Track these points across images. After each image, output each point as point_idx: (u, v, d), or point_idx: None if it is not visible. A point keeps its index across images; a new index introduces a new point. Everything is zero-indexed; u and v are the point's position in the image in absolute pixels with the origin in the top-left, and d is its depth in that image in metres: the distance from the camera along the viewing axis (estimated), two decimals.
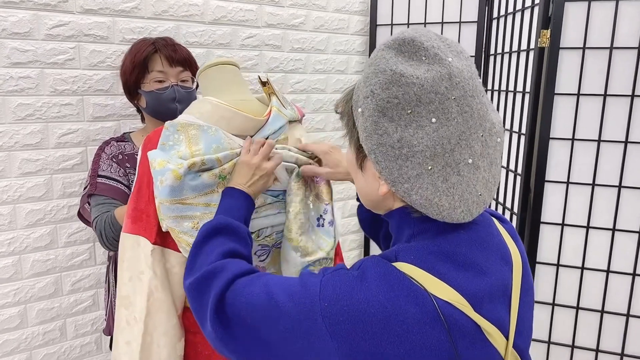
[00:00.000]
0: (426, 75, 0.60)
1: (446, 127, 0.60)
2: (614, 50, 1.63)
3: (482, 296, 0.62)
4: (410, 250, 0.64)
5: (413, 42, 0.62)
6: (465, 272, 0.62)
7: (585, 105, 1.70)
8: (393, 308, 0.58)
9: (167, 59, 1.33)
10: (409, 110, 0.60)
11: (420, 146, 0.60)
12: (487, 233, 0.68)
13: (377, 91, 0.61)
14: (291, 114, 1.07)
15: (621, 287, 1.75)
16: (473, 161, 0.62)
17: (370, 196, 0.71)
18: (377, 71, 0.62)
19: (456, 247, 0.64)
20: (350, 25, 2.16)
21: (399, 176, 0.62)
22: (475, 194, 0.63)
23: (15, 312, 1.56)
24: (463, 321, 0.60)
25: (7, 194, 1.50)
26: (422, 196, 0.61)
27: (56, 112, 1.53)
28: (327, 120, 2.17)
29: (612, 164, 1.70)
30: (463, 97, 0.61)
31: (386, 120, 0.61)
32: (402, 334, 0.57)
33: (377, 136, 0.62)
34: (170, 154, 0.92)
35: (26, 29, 1.45)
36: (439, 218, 0.63)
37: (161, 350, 0.93)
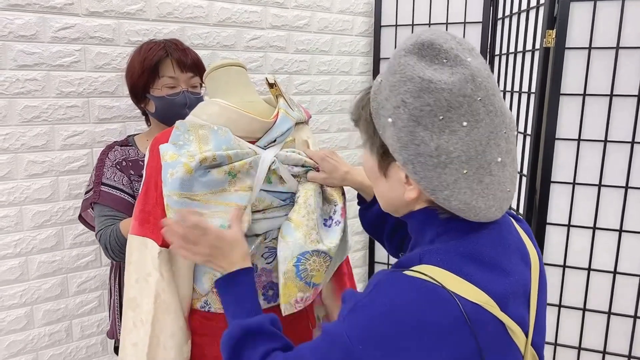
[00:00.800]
0: (452, 79, 0.60)
1: (476, 129, 0.61)
2: (620, 50, 1.62)
3: (507, 296, 0.63)
4: (435, 252, 0.64)
5: (432, 45, 0.62)
6: (490, 272, 0.63)
7: (591, 106, 1.69)
8: (420, 322, 0.58)
9: (178, 64, 1.31)
10: (441, 117, 0.60)
11: (457, 152, 0.61)
12: (508, 232, 0.69)
13: (409, 100, 0.61)
14: (298, 116, 1.07)
15: (628, 288, 1.73)
16: (501, 159, 0.63)
17: (393, 201, 0.71)
18: (404, 79, 0.61)
19: (481, 248, 0.64)
20: (355, 26, 2.16)
21: (439, 184, 0.62)
22: (505, 190, 0.64)
23: (22, 313, 1.56)
24: (490, 322, 0.61)
25: (14, 195, 1.50)
26: (462, 201, 0.62)
27: (62, 114, 1.54)
28: (331, 122, 2.17)
29: (618, 164, 1.69)
30: (487, 96, 0.61)
31: (421, 129, 0.61)
32: (433, 345, 0.58)
33: (414, 146, 0.62)
34: (180, 152, 0.92)
35: (32, 31, 1.46)
36: (475, 219, 0.64)
37: (168, 352, 0.93)
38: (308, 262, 1.01)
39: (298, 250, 1.00)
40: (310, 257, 1.01)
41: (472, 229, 0.66)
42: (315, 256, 1.02)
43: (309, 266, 1.01)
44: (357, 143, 2.28)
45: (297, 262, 1.00)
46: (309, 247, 1.01)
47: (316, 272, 1.02)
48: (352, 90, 2.21)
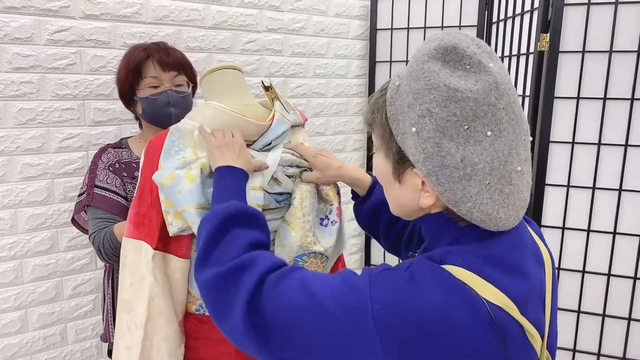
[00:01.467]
0: (477, 87, 0.59)
1: (500, 139, 0.60)
2: (614, 53, 1.63)
3: (526, 299, 0.62)
4: (457, 253, 0.62)
5: (456, 50, 0.60)
6: (511, 275, 0.62)
7: (585, 109, 1.70)
8: (447, 312, 0.56)
9: (159, 64, 1.32)
10: (466, 126, 0.59)
11: (481, 163, 0.59)
12: (524, 235, 0.68)
13: (435, 110, 0.59)
14: (294, 119, 1.07)
15: (622, 290, 1.74)
16: (521, 168, 0.62)
17: (406, 206, 0.70)
18: (429, 87, 0.59)
19: (502, 251, 0.63)
20: (351, 29, 2.16)
21: (463, 196, 0.60)
22: (523, 199, 0.64)
23: (16, 317, 1.56)
24: (511, 325, 0.60)
25: (9, 198, 1.50)
26: (483, 212, 0.61)
27: (57, 116, 1.53)
28: (327, 125, 2.17)
29: (612, 167, 1.70)
30: (509, 104, 0.60)
31: (447, 140, 0.59)
32: (456, 339, 0.56)
33: (440, 158, 0.60)
34: (175, 158, 0.92)
35: (28, 34, 1.46)
36: (494, 229, 0.62)
37: (161, 355, 0.93)
38: (305, 264, 1.02)
39: (295, 253, 1.01)
40: (308, 259, 1.03)
41: (489, 232, 0.64)
42: (312, 257, 1.03)
43: (307, 268, 1.02)
44: (354, 146, 2.29)
45: (294, 264, 1.01)
46: (305, 249, 1.02)
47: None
48: (348, 93, 2.21)
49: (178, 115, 1.34)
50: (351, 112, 2.25)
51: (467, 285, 0.59)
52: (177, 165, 0.93)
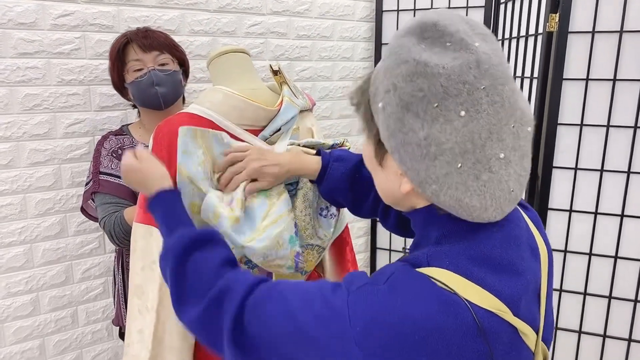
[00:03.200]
0: (452, 63, 0.55)
1: (476, 121, 0.55)
2: (624, 34, 1.61)
3: (519, 298, 0.59)
4: (444, 255, 0.59)
5: (436, 27, 0.57)
6: (502, 274, 0.59)
7: (594, 90, 1.68)
8: (431, 325, 0.54)
9: (139, 46, 1.32)
10: (436, 104, 0.55)
11: (449, 143, 0.55)
12: (518, 228, 0.64)
13: (400, 84, 0.56)
14: (303, 103, 1.07)
15: (629, 273, 1.74)
16: (505, 155, 0.57)
17: (391, 193, 0.67)
18: (398, 61, 0.56)
19: (492, 249, 0.59)
20: (356, 11, 2.14)
21: (426, 177, 0.57)
22: (507, 190, 0.58)
23: (28, 300, 1.58)
24: (502, 329, 0.57)
25: (17, 183, 1.51)
26: (452, 197, 0.57)
27: (63, 102, 1.53)
28: (333, 108, 2.16)
29: (621, 149, 1.68)
30: (493, 85, 0.56)
31: (411, 116, 0.56)
32: (441, 350, 0.54)
33: (402, 134, 0.57)
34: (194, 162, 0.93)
35: (32, 19, 1.45)
36: (469, 219, 0.59)
37: (173, 338, 0.94)
38: (302, 255, 1.04)
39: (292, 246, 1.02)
40: (305, 251, 1.05)
41: (479, 228, 0.61)
42: (309, 249, 1.06)
43: (303, 258, 1.04)
44: (359, 130, 2.27)
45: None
46: (303, 241, 1.04)
47: (308, 262, 1.06)
48: (354, 77, 2.20)
49: (164, 93, 1.33)
50: None
51: (452, 293, 0.56)
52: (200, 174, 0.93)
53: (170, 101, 1.37)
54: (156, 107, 1.35)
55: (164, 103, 1.35)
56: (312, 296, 0.61)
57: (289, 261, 0.98)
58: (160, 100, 1.34)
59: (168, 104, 1.36)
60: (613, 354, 1.81)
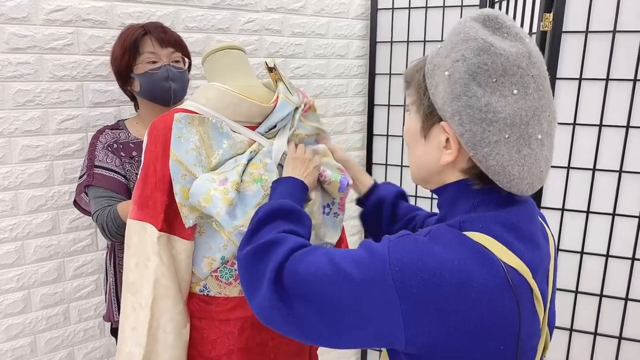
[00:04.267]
0: (511, 49, 0.64)
1: (524, 100, 0.64)
2: (617, 33, 1.62)
3: (538, 266, 0.67)
4: (476, 220, 0.67)
5: (497, 19, 0.66)
6: (526, 243, 0.66)
7: (587, 90, 1.69)
8: (466, 273, 0.60)
9: (157, 40, 1.33)
10: (494, 79, 0.63)
11: (503, 113, 0.63)
12: (535, 212, 0.72)
13: (469, 56, 0.64)
14: (297, 100, 1.07)
15: (621, 271, 1.76)
16: (541, 137, 0.66)
17: (427, 167, 0.73)
18: (467, 38, 0.65)
19: (519, 219, 0.67)
20: (351, 9, 2.13)
21: (481, 139, 0.64)
22: (539, 169, 0.67)
23: (19, 297, 1.57)
24: (525, 287, 0.64)
25: (9, 180, 1.49)
26: (499, 162, 0.64)
27: (56, 98, 1.52)
28: (328, 106, 2.16)
29: (613, 148, 1.70)
30: (539, 75, 0.65)
31: (475, 84, 0.64)
32: (474, 299, 0.59)
33: (466, 98, 0.64)
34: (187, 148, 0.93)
35: (24, 13, 1.43)
36: (506, 187, 0.66)
37: (167, 336, 0.94)
38: None
39: None
40: None
41: (507, 202, 0.68)
42: None
43: None
44: (354, 128, 2.28)
45: None
46: (319, 242, 1.05)
47: None
48: (349, 74, 2.19)
49: (177, 90, 1.35)
50: (351, 94, 2.23)
51: (486, 248, 0.62)
52: (192, 158, 0.93)
53: (179, 98, 1.39)
54: (165, 102, 1.36)
55: (174, 98, 1.36)
56: (353, 250, 0.68)
57: None
58: (172, 95, 1.35)
59: (177, 100, 1.38)
60: (604, 352, 1.82)
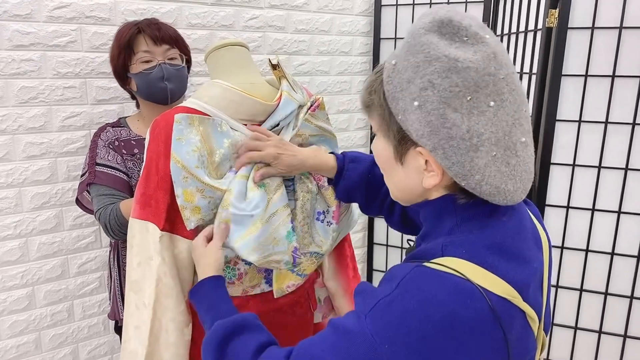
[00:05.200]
0: (476, 57, 0.58)
1: (503, 109, 0.59)
2: (624, 30, 1.60)
3: (528, 284, 0.62)
4: (459, 244, 0.61)
5: (451, 23, 0.59)
6: (513, 262, 0.61)
7: (593, 87, 1.68)
8: (451, 319, 0.56)
9: (151, 38, 1.31)
10: (469, 97, 0.58)
11: (487, 133, 0.58)
12: (524, 218, 0.67)
13: (437, 81, 0.58)
14: (302, 98, 1.06)
15: (626, 269, 1.75)
16: (525, 139, 0.61)
17: (408, 190, 0.68)
18: (429, 59, 0.58)
19: (504, 238, 0.62)
20: (355, 5, 2.12)
21: (471, 169, 0.59)
22: (529, 171, 0.63)
23: (24, 294, 1.57)
24: (514, 314, 0.60)
25: (13, 177, 1.50)
26: (492, 185, 0.60)
27: (59, 95, 1.52)
28: (331, 103, 2.15)
29: (618, 146, 1.68)
30: (508, 74, 0.59)
31: (451, 111, 0.58)
32: (464, 340, 0.56)
33: (446, 130, 0.58)
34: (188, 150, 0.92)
35: (27, 10, 1.43)
36: (502, 203, 0.62)
37: (169, 335, 0.94)
38: (301, 263, 1.05)
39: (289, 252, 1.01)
40: (303, 257, 1.05)
41: (492, 217, 0.63)
42: (307, 256, 1.06)
43: (302, 264, 1.06)
44: (357, 125, 2.27)
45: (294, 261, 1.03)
46: (302, 250, 1.04)
47: (308, 267, 1.07)
48: (352, 71, 2.18)
49: (173, 89, 1.33)
50: (355, 91, 2.22)
51: (467, 281, 0.57)
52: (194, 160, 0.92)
53: (177, 97, 1.37)
54: (162, 102, 1.35)
55: (170, 98, 1.35)
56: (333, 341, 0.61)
57: (287, 257, 0.98)
58: (168, 95, 1.33)
59: (174, 99, 1.36)
60: (609, 350, 1.82)
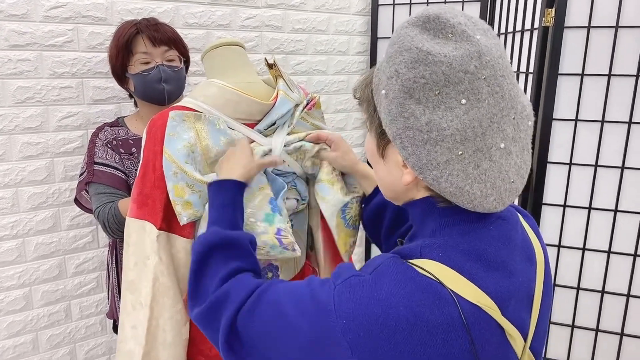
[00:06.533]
0: (454, 53, 0.56)
1: (477, 109, 0.56)
2: (620, 29, 1.61)
3: (509, 298, 0.59)
4: (437, 247, 0.60)
5: (438, 19, 0.58)
6: (494, 272, 0.59)
7: (589, 86, 1.68)
8: (415, 317, 0.55)
9: (149, 40, 1.31)
10: (437, 91, 0.56)
11: (450, 129, 0.56)
12: (513, 230, 0.64)
13: (403, 71, 0.57)
14: (298, 97, 1.06)
15: (622, 267, 1.75)
16: (505, 146, 0.58)
17: (392, 186, 0.67)
18: (401, 49, 0.58)
19: (486, 246, 0.60)
20: (352, 5, 2.12)
21: (428, 162, 0.58)
22: (508, 180, 0.59)
23: (21, 294, 1.57)
24: (488, 325, 0.57)
25: (9, 177, 1.49)
26: (452, 183, 0.57)
27: (56, 95, 1.52)
28: (328, 103, 2.15)
29: (615, 145, 1.69)
30: (493, 76, 0.57)
31: (413, 102, 0.57)
32: (425, 342, 0.54)
33: (403, 119, 0.58)
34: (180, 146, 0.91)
35: (23, 10, 1.43)
36: (469, 207, 0.59)
37: (167, 334, 0.94)
38: (351, 210, 1.07)
39: (340, 204, 1.05)
40: (352, 205, 1.07)
41: (476, 223, 0.61)
42: (354, 203, 1.08)
43: (352, 213, 1.07)
44: (354, 125, 2.27)
45: (342, 214, 1.06)
46: (347, 198, 1.06)
47: (356, 216, 1.09)
48: (349, 71, 2.19)
49: (171, 91, 1.34)
50: None
51: (440, 285, 0.56)
52: (185, 155, 0.92)
53: (174, 97, 1.38)
54: (160, 103, 1.36)
55: (168, 99, 1.36)
56: (301, 295, 0.63)
57: (271, 240, 0.96)
58: (166, 96, 1.34)
59: (172, 100, 1.37)
60: (606, 348, 1.82)
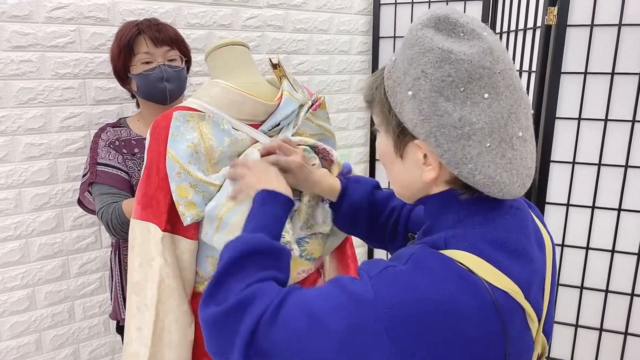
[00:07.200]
0: (471, 50, 0.60)
1: (497, 102, 0.60)
2: (623, 27, 1.60)
3: (530, 283, 0.63)
4: (462, 238, 0.62)
5: (448, 19, 0.62)
6: (516, 259, 0.62)
7: (592, 84, 1.68)
8: (451, 303, 0.56)
9: (151, 40, 1.31)
10: (462, 88, 0.59)
11: (480, 123, 0.60)
12: (527, 219, 0.67)
13: (430, 71, 0.60)
14: (302, 98, 1.06)
15: (626, 266, 1.75)
16: (522, 134, 0.63)
17: (409, 185, 0.69)
18: (423, 51, 0.61)
19: (507, 234, 0.63)
20: (353, 4, 2.12)
21: (463, 157, 0.60)
22: (527, 166, 0.63)
23: (24, 295, 1.57)
24: (515, 309, 0.60)
25: (12, 178, 1.49)
26: (485, 175, 0.60)
27: (58, 95, 1.52)
28: (330, 102, 2.15)
29: (618, 143, 1.68)
30: (505, 70, 0.61)
31: (443, 100, 0.60)
32: (460, 329, 0.56)
33: (437, 117, 0.60)
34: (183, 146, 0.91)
35: (26, 11, 1.43)
36: (499, 196, 0.62)
37: (172, 336, 0.94)
38: (307, 244, 1.04)
39: (297, 235, 1.02)
40: (310, 240, 1.04)
41: (495, 213, 0.64)
42: (313, 238, 1.05)
43: (309, 247, 1.04)
44: (357, 124, 2.27)
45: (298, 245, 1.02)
46: (307, 232, 1.04)
47: (315, 250, 1.06)
48: (351, 70, 2.18)
49: (172, 90, 1.34)
50: (354, 90, 2.22)
51: (471, 272, 0.58)
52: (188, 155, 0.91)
53: (176, 96, 1.38)
54: (162, 102, 1.36)
55: (170, 98, 1.36)
56: (331, 292, 0.61)
57: None
58: (167, 96, 1.35)
59: (173, 99, 1.38)
60: (609, 348, 1.82)
